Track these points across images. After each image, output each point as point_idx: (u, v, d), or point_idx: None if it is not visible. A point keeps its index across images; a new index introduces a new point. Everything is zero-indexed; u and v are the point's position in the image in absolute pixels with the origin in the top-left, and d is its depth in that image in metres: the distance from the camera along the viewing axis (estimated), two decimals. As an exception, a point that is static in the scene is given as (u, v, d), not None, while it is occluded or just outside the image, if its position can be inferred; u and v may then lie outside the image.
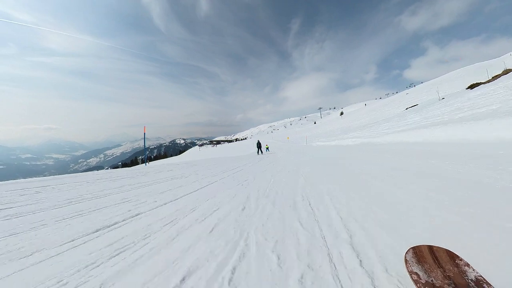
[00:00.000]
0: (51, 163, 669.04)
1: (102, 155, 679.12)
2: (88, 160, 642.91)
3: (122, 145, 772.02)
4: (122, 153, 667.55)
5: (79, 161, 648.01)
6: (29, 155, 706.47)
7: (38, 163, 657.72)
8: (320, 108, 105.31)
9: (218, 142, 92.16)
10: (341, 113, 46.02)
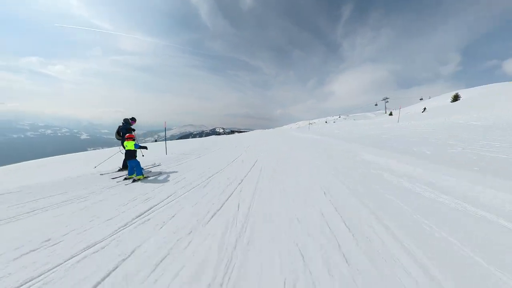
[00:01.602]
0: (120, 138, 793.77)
1: (156, 136, 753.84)
2: (146, 139, 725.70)
3: (172, 129, 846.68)
4: (172, 135, 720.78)
5: (139, 139, 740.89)
6: (106, 131, 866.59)
7: (111, 137, 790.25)
8: (386, 99, 62.08)
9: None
10: (424, 109, 28.08)
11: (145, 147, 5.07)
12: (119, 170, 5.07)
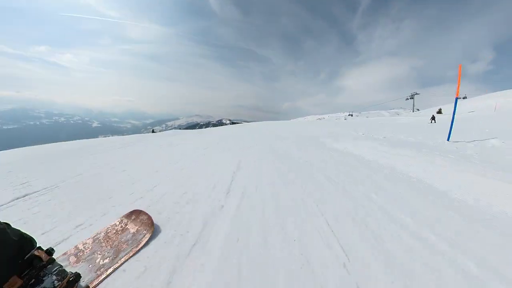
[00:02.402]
0: (129, 126, 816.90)
1: (164, 125, 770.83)
2: (154, 128, 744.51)
3: (179, 118, 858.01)
4: (179, 125, 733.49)
5: (147, 127, 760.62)
6: (116, 119, 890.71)
7: (121, 125, 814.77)
8: (413, 95, 57.02)
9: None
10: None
11: None
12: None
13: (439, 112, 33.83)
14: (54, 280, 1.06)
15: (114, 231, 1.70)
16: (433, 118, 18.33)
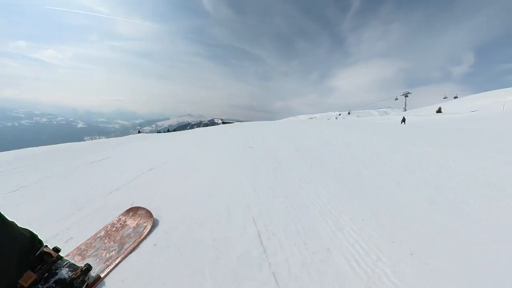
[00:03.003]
0: (117, 127, 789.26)
1: (154, 125, 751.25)
2: (143, 128, 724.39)
3: (170, 118, 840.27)
4: (170, 125, 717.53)
5: (136, 128, 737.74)
6: (103, 119, 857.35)
7: (109, 126, 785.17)
8: (406, 94, 57.07)
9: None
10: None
11: None
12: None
13: (439, 111, 31.33)
14: (68, 271, 1.13)
15: (114, 229, 1.77)
16: (403, 120, 19.64)
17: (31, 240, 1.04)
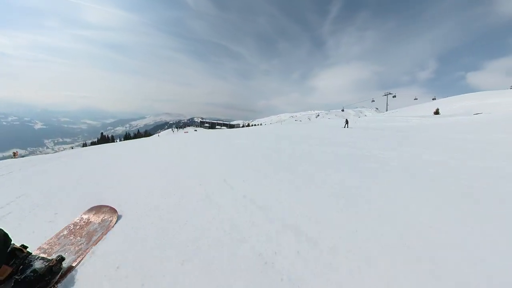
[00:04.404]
0: (84, 127, 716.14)
1: (128, 125, 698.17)
2: (115, 128, 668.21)
3: (146, 117, 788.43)
4: (145, 125, 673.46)
5: (107, 128, 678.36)
6: (67, 119, 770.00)
7: (74, 126, 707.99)
8: (387, 94, 55.20)
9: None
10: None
11: None
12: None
13: (437, 112, 30.16)
14: (42, 262, 1.21)
15: (78, 227, 1.92)
16: (346, 122, 19.31)
17: (5, 237, 1.10)
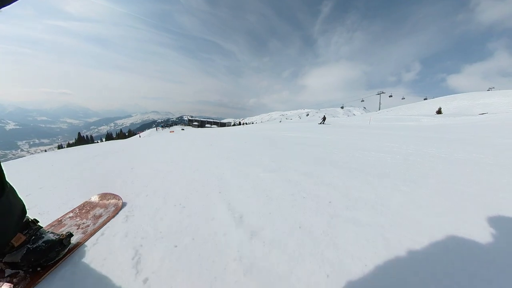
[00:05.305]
0: (65, 127, 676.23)
1: (112, 124, 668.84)
2: (99, 128, 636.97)
3: (132, 116, 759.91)
4: (132, 124, 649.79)
5: (91, 127, 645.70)
6: (44, 118, 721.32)
7: (53, 126, 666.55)
8: (380, 93, 63.11)
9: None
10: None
11: None
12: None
13: (439, 112, 28.22)
14: (54, 235, 1.20)
15: (84, 210, 1.93)
16: (324, 119, 18.70)
17: (23, 207, 1.15)
